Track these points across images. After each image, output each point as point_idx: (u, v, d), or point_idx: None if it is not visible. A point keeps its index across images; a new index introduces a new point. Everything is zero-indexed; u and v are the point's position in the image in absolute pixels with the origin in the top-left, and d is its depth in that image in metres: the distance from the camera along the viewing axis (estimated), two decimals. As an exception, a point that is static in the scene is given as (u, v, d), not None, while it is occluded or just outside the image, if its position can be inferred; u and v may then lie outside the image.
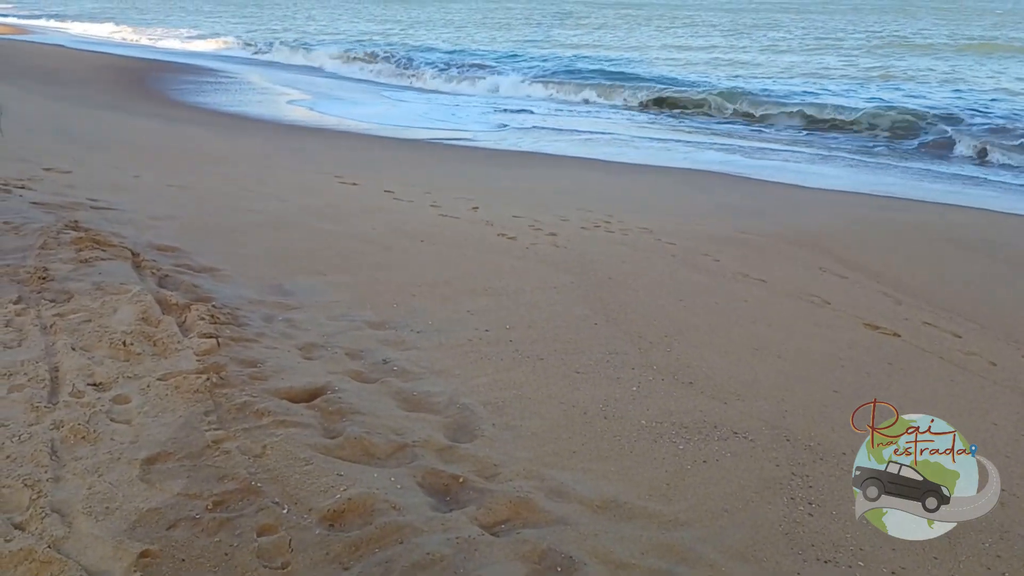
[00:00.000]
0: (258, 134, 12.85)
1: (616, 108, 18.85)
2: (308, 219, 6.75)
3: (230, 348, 3.72)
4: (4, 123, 10.45)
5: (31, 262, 4.58)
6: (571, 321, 4.69)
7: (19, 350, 3.51)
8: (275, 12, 62.55)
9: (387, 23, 48.06)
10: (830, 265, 6.37)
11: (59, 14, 56.02)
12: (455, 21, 50.17)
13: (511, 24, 47.13)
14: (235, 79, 21.81)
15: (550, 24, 47.27)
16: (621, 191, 9.53)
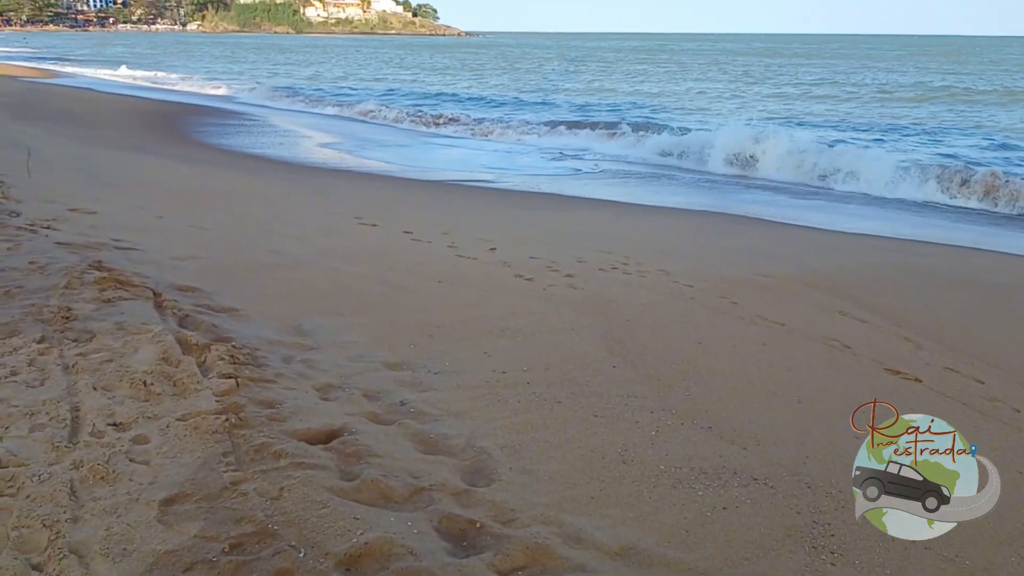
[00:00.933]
0: (280, 175, 13.03)
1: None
2: (327, 260, 6.81)
3: (249, 388, 3.74)
4: (31, 164, 10.70)
5: (55, 301, 4.64)
6: (589, 363, 4.68)
7: (41, 389, 3.55)
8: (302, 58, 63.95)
9: (414, 69, 48.88)
10: (850, 308, 6.33)
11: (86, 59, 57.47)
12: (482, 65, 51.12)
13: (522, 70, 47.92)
14: (258, 121, 22.21)
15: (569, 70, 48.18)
16: (638, 232, 9.55)
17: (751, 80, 42.58)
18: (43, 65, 48.78)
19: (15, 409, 3.35)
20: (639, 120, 22.95)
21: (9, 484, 2.81)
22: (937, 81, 40.20)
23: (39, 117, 18.01)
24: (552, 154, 18.00)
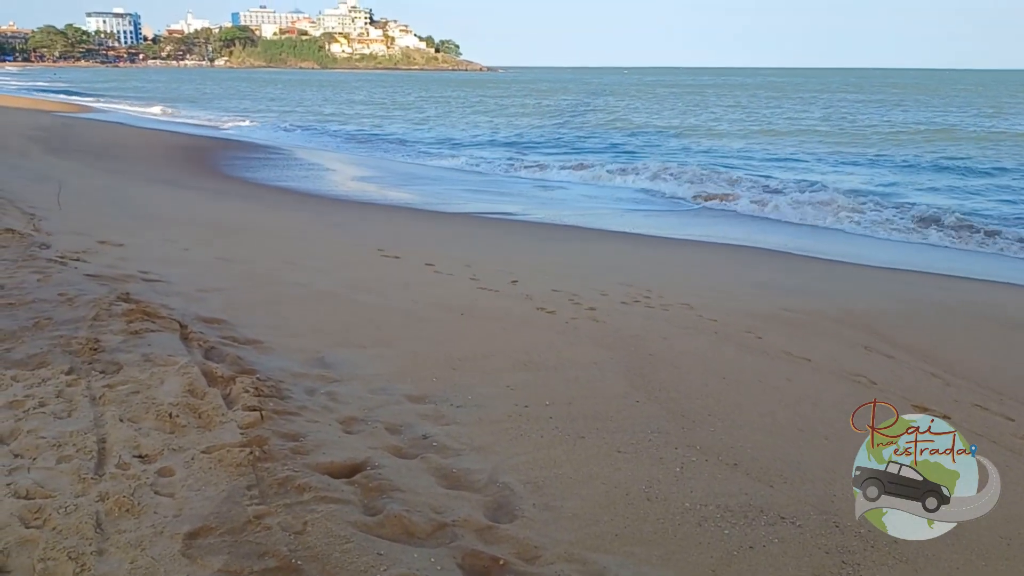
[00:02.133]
0: (304, 208, 13.19)
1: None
2: (350, 292, 6.86)
3: (273, 421, 3.76)
4: (62, 197, 10.92)
5: (83, 333, 4.70)
6: (612, 398, 4.65)
7: (69, 420, 3.59)
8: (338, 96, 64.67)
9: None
10: (876, 344, 6.26)
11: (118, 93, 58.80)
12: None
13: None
14: (283, 155, 22.54)
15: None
16: (660, 265, 9.54)
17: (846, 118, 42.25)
18: (76, 100, 49.95)
19: (43, 440, 3.38)
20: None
21: (36, 515, 2.83)
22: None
23: (70, 150, 18.40)
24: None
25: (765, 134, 32.66)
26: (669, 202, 16.40)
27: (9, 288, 5.60)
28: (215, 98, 54.66)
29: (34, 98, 48.77)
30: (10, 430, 3.50)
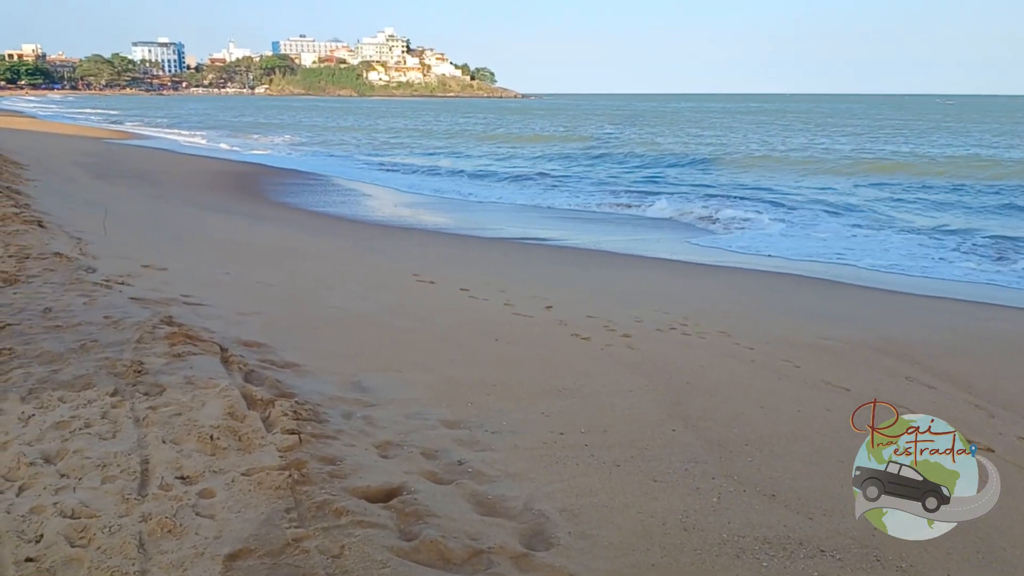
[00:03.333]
0: (341, 232, 13.37)
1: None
2: (386, 316, 6.92)
3: (311, 445, 3.80)
4: (107, 222, 11.21)
5: (128, 355, 4.81)
6: (648, 426, 4.62)
7: (113, 442, 3.66)
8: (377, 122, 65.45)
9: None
10: (917, 374, 6.15)
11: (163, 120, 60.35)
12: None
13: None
14: (321, 180, 22.89)
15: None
16: (695, 292, 9.48)
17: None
18: (120, 126, 51.32)
19: (88, 461, 3.46)
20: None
21: (81, 535, 2.89)
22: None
23: (116, 176, 18.89)
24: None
25: (877, 167, 28.88)
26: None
27: (57, 311, 5.75)
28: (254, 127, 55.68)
29: (80, 124, 50.21)
30: (57, 450, 3.58)
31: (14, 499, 3.14)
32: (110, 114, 73.37)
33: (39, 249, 7.89)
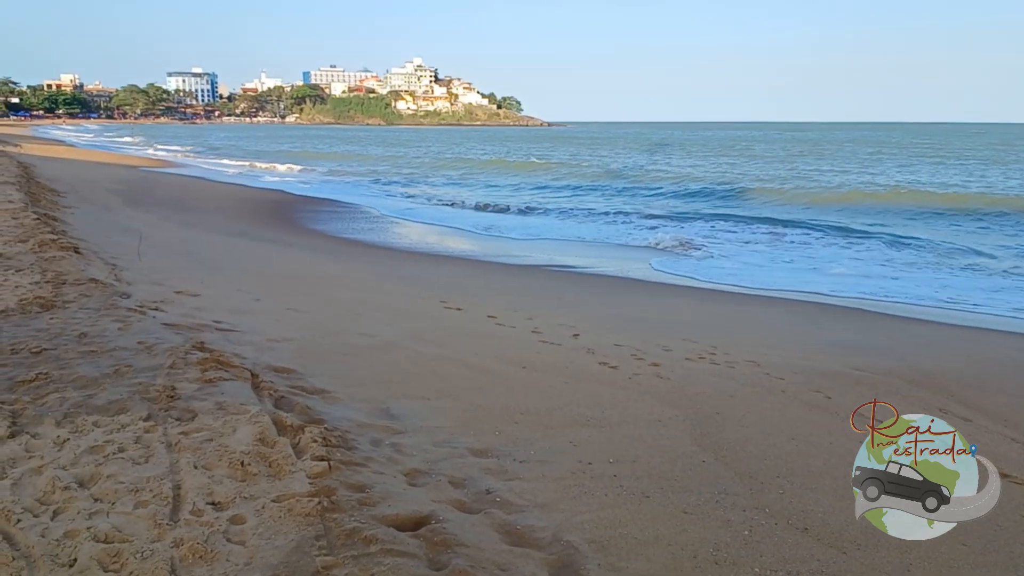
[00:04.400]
0: (370, 259, 13.49)
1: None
2: (414, 343, 6.95)
3: (340, 472, 3.81)
4: (142, 248, 11.41)
5: (161, 381, 4.87)
6: (677, 457, 4.58)
7: (146, 466, 3.70)
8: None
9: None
10: (952, 407, 6.03)
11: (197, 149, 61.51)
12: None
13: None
14: (350, 208, 23.13)
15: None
16: (725, 321, 9.41)
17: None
18: (156, 155, 52.35)
19: (121, 485, 3.50)
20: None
21: (114, 560, 2.92)
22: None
23: (151, 204, 19.25)
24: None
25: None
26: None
27: (92, 336, 5.85)
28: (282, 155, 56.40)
29: (115, 153, 51.29)
30: (91, 474, 3.63)
31: (49, 523, 3.18)
32: (144, 142, 74.85)
33: (75, 275, 8.04)
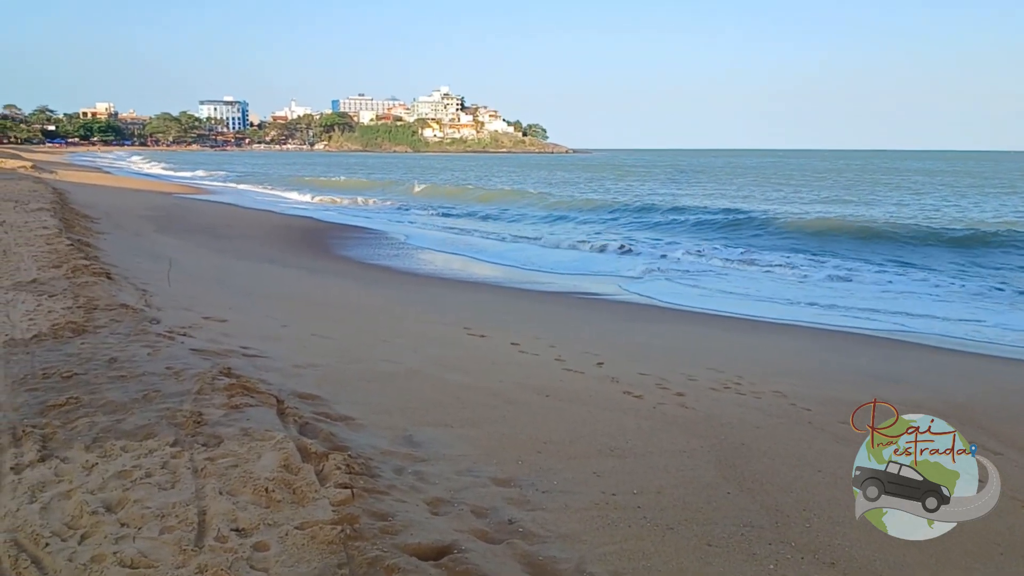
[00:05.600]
0: (395, 285, 13.59)
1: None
2: (437, 370, 6.97)
3: (363, 499, 3.82)
4: (171, 274, 11.60)
5: (188, 406, 4.93)
6: (702, 489, 4.54)
7: (172, 492, 3.74)
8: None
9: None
10: (982, 440, 5.92)
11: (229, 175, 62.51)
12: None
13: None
14: (376, 234, 23.35)
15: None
16: (750, 350, 9.34)
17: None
18: (185, 181, 53.29)
19: (147, 511, 3.54)
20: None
21: (139, 585, 2.94)
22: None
23: (182, 230, 19.58)
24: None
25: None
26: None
27: (122, 361, 5.95)
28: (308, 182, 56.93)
29: (147, 179, 52.27)
30: (118, 499, 3.67)
31: (76, 547, 3.22)
32: (174, 168, 76.19)
33: (107, 300, 8.18)
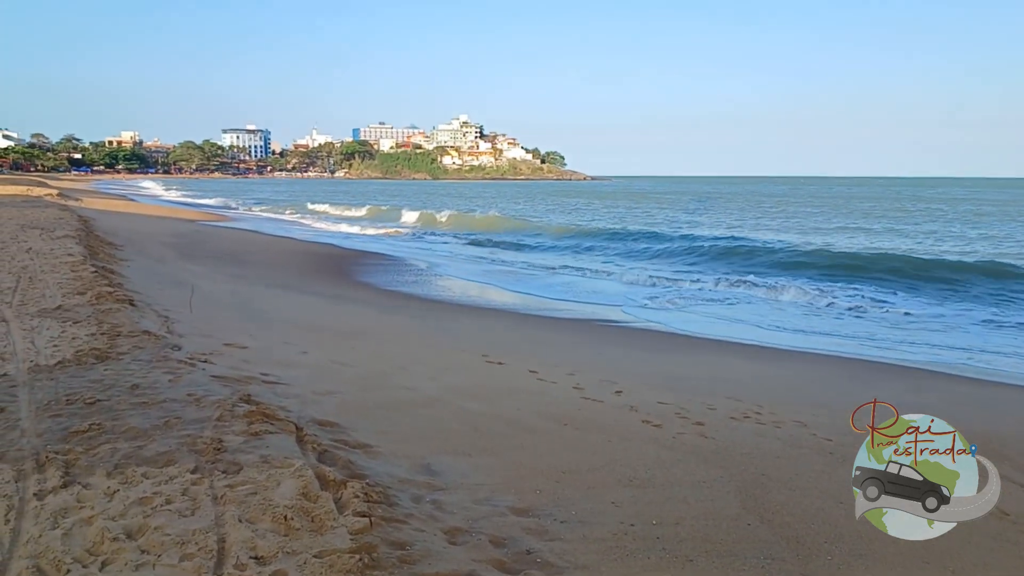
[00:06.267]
0: (413, 311, 13.62)
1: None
2: (455, 398, 6.97)
3: (382, 528, 3.82)
4: (193, 300, 11.71)
5: (208, 433, 4.97)
6: (722, 520, 4.49)
7: (192, 519, 3.76)
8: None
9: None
10: (1012, 474, 5.82)
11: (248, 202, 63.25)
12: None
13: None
14: (395, 261, 23.47)
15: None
16: (770, 379, 9.26)
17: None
18: (207, 208, 53.93)
19: (168, 537, 3.56)
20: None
21: (159, 612, 2.95)
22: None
23: (205, 256, 19.79)
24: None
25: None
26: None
27: (143, 387, 6.01)
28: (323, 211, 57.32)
29: (170, 207, 52.96)
30: (138, 526, 3.70)
31: (97, 573, 3.25)
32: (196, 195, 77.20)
33: (129, 327, 8.28)
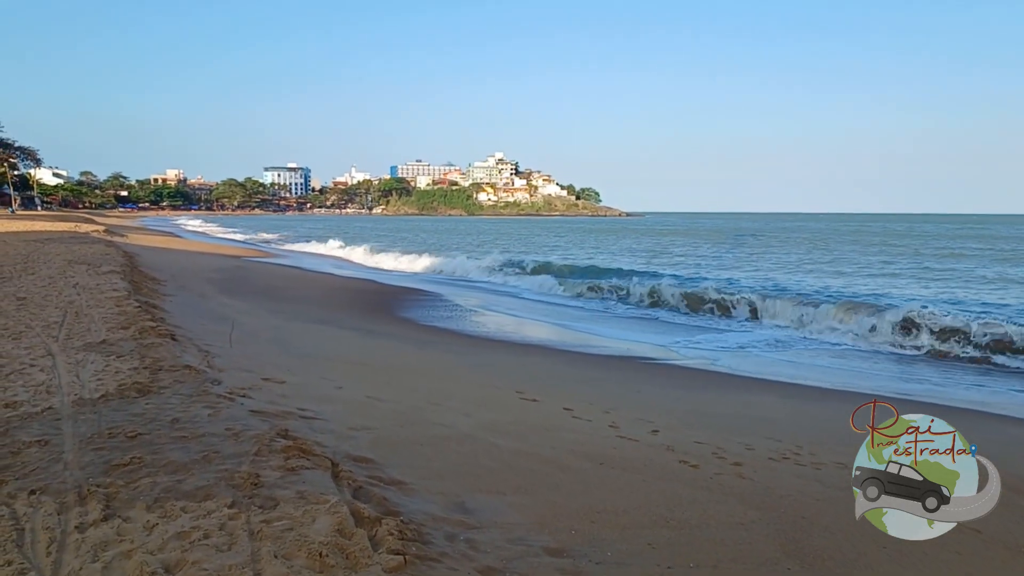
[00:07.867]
0: (449, 347, 13.68)
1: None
2: (490, 435, 6.96)
3: (415, 566, 3.81)
4: (233, 335, 11.90)
5: (246, 468, 5.02)
6: (761, 564, 4.40)
7: (229, 554, 3.79)
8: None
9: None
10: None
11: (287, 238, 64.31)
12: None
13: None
14: (431, 296, 23.63)
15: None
16: (809, 418, 9.10)
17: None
18: (246, 245, 54.96)
19: (205, 572, 3.59)
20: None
21: (195, 648, 2.97)
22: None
23: (245, 292, 20.14)
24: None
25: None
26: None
27: (183, 422, 6.10)
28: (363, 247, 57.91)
29: (213, 243, 54.08)
30: (176, 560, 3.74)
31: (136, 608, 3.28)
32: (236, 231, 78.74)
33: (171, 361, 8.43)
